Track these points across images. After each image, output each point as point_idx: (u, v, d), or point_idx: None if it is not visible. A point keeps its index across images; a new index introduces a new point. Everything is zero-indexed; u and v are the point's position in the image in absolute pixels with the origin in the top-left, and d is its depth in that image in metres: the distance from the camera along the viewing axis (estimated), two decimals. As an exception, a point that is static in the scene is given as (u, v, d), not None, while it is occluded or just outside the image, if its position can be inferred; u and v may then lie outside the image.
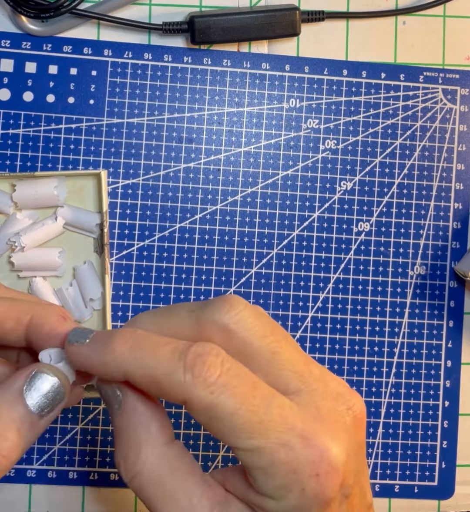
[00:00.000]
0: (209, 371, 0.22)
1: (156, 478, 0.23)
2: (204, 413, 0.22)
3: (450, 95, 0.43)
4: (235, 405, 0.22)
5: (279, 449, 0.22)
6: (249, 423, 0.22)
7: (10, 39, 0.41)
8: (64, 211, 0.39)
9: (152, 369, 0.23)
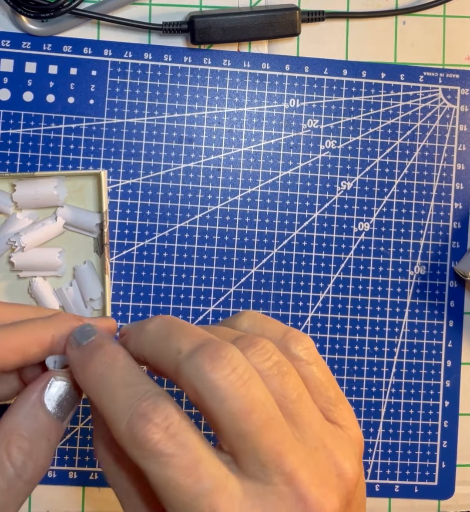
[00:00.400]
0: (147, 434, 0.20)
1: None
2: (153, 486, 0.21)
3: (450, 95, 0.43)
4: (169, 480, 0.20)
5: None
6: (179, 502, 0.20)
7: (10, 39, 0.41)
8: (64, 211, 0.39)
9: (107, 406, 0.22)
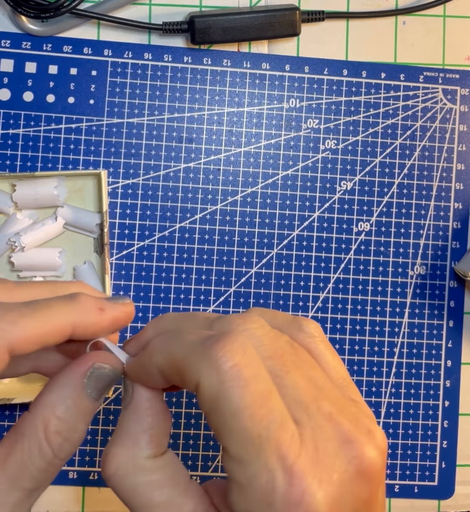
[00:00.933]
0: (225, 356, 0.20)
1: (130, 486, 0.23)
2: (209, 403, 0.21)
3: (450, 95, 0.43)
4: (240, 405, 0.20)
5: (263, 474, 0.20)
6: (246, 432, 0.20)
7: (10, 39, 0.41)
8: (64, 211, 0.39)
9: (175, 354, 0.22)
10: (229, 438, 0.21)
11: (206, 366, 0.21)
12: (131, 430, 0.24)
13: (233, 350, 0.21)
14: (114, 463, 0.23)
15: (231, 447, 0.21)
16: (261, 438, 0.20)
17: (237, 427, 0.20)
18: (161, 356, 0.23)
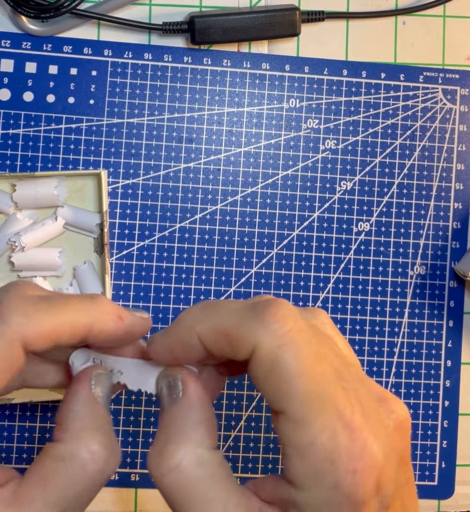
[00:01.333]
0: (279, 321, 0.21)
1: (192, 479, 0.22)
2: (267, 366, 0.21)
3: (450, 95, 0.43)
4: (300, 367, 0.21)
5: (324, 432, 0.21)
6: (306, 393, 0.21)
7: (10, 39, 0.41)
8: (64, 211, 0.40)
9: (222, 321, 0.22)
10: (289, 400, 0.21)
11: (262, 331, 0.21)
12: (187, 423, 0.23)
13: (286, 315, 0.21)
14: (175, 457, 0.22)
15: (292, 409, 0.21)
16: (320, 397, 0.21)
17: (297, 388, 0.21)
18: (205, 326, 0.23)
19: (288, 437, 0.21)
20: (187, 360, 0.24)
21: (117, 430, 0.41)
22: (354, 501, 0.21)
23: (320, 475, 0.21)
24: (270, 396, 0.22)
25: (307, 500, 0.21)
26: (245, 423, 0.41)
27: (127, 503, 0.41)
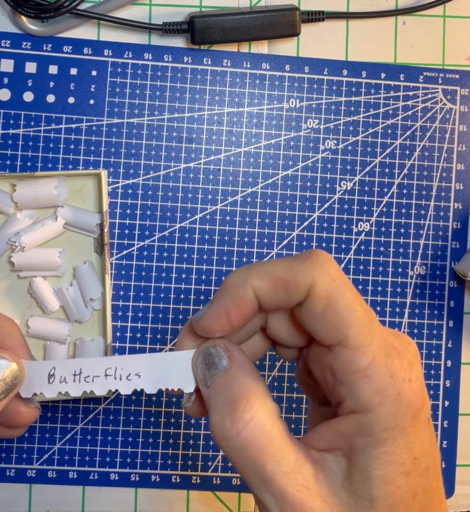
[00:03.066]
0: (329, 261, 0.24)
1: (267, 430, 0.23)
2: (324, 302, 0.23)
3: (450, 95, 0.43)
4: (352, 297, 0.24)
5: (380, 352, 0.23)
6: (361, 319, 0.24)
7: (10, 39, 0.41)
8: (64, 211, 0.40)
9: (277, 270, 0.24)
10: (348, 327, 0.24)
11: (317, 270, 0.24)
12: (247, 381, 0.24)
13: (330, 257, 0.25)
14: (250, 412, 0.23)
15: (351, 336, 0.23)
16: (371, 323, 0.24)
17: (354, 316, 0.24)
18: (259, 277, 0.24)
19: (349, 364, 0.23)
20: (241, 321, 0.25)
21: (117, 430, 0.41)
22: (414, 407, 0.23)
23: (385, 390, 0.23)
24: (326, 330, 0.24)
25: (375, 418, 0.23)
26: (245, 423, 0.41)
27: (127, 503, 0.41)
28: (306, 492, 0.23)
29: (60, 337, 0.40)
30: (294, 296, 0.24)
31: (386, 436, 0.23)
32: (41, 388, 0.26)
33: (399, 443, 0.23)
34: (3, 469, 0.41)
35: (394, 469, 0.23)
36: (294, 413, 0.41)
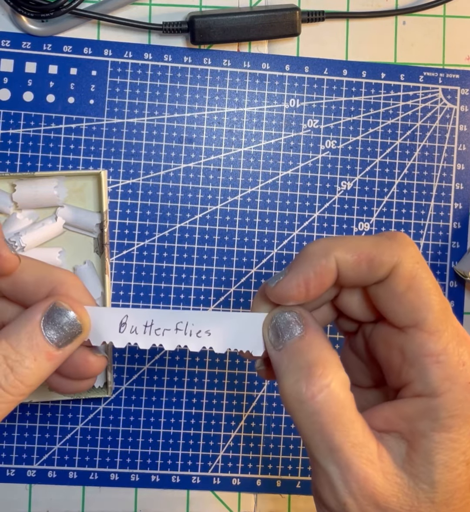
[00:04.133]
0: (412, 244, 0.25)
1: (340, 399, 0.24)
2: (406, 283, 0.24)
3: (450, 95, 0.43)
4: (432, 282, 0.24)
5: (453, 339, 0.24)
6: (439, 305, 0.24)
7: (10, 39, 0.41)
8: (64, 211, 0.40)
9: (363, 245, 0.25)
10: (426, 311, 0.24)
11: (402, 251, 0.24)
12: (322, 350, 0.25)
13: (413, 242, 0.25)
14: (326, 379, 0.24)
15: (428, 320, 0.24)
16: (446, 311, 0.24)
17: (433, 301, 0.24)
18: (344, 249, 0.25)
19: (423, 347, 0.24)
20: (319, 291, 0.25)
21: (117, 430, 0.41)
22: None
23: (455, 377, 0.24)
24: (404, 311, 0.24)
25: (442, 404, 0.23)
26: (245, 423, 0.41)
27: (127, 503, 0.41)
28: (371, 466, 0.23)
29: None
30: (377, 274, 0.24)
31: (452, 422, 0.24)
32: (111, 337, 0.26)
33: (463, 432, 0.24)
34: (3, 469, 0.41)
35: (456, 456, 0.24)
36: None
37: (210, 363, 0.41)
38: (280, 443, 0.42)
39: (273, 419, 0.42)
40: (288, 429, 0.41)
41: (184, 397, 0.41)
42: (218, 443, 0.41)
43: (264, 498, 0.42)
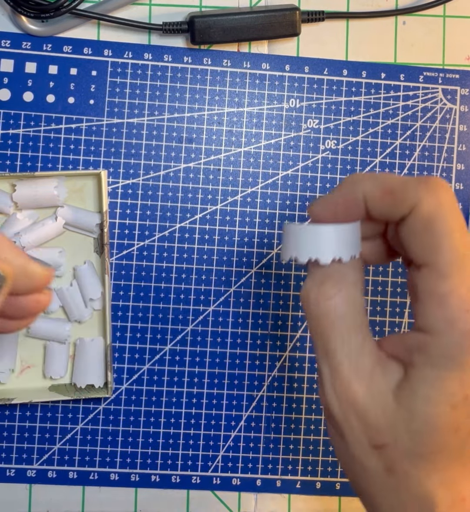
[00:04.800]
0: (441, 188, 0.25)
1: (342, 311, 0.26)
2: (424, 222, 0.25)
3: (450, 95, 0.43)
4: (455, 227, 0.25)
5: (462, 285, 0.24)
6: (454, 250, 0.25)
7: (10, 39, 0.41)
8: (64, 211, 0.40)
9: (390, 181, 0.26)
10: (438, 253, 0.25)
11: (426, 191, 0.25)
12: (351, 269, 0.27)
13: (446, 186, 0.26)
14: (336, 285, 0.26)
15: (439, 261, 0.25)
16: (464, 257, 0.25)
17: (447, 244, 0.25)
18: (373, 183, 0.27)
19: (430, 286, 0.25)
20: (344, 215, 0.27)
21: (117, 430, 0.41)
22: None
23: (455, 321, 0.24)
24: (419, 249, 0.25)
25: (438, 343, 0.25)
26: (245, 423, 0.41)
27: (127, 503, 0.41)
28: (355, 376, 0.26)
29: (60, 337, 0.40)
30: (399, 209, 0.26)
31: (443, 363, 0.25)
32: None
33: (454, 376, 0.25)
34: (3, 469, 0.41)
35: (439, 394, 0.25)
36: (294, 413, 0.42)
37: (210, 363, 0.41)
38: (280, 443, 0.42)
39: (273, 419, 0.42)
40: (288, 429, 0.42)
41: (184, 397, 0.41)
42: (218, 443, 0.41)
43: (264, 498, 0.42)
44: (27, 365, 0.41)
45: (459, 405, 0.25)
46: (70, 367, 0.40)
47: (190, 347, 0.41)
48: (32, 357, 0.41)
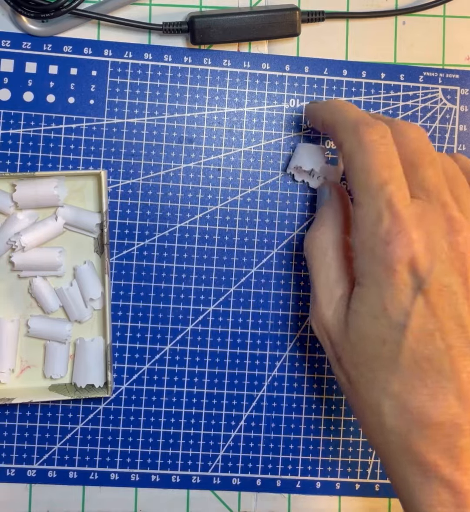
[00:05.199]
0: (367, 132, 0.30)
1: (324, 246, 0.34)
2: (347, 158, 0.31)
3: (450, 95, 0.43)
4: (368, 164, 0.30)
5: (373, 212, 0.29)
6: (368, 183, 0.29)
7: (10, 39, 0.41)
8: (64, 211, 0.40)
9: (334, 116, 0.34)
10: (356, 187, 0.30)
11: (351, 132, 0.31)
12: (331, 216, 0.35)
13: (375, 130, 0.30)
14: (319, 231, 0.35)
15: (356, 194, 0.30)
16: (378, 189, 0.29)
17: (363, 179, 0.29)
18: (324, 113, 0.35)
19: (353, 216, 0.31)
20: (317, 127, 0.38)
21: (117, 430, 0.41)
22: (386, 264, 0.28)
23: (365, 244, 0.29)
24: (349, 184, 0.31)
25: (357, 263, 0.30)
26: (245, 423, 0.41)
27: (127, 503, 0.41)
28: (326, 303, 0.33)
29: (60, 337, 0.40)
30: (335, 143, 0.33)
31: (363, 281, 0.30)
32: None
33: (373, 291, 0.29)
34: (3, 469, 0.41)
35: (362, 306, 0.30)
36: (294, 413, 0.42)
37: (210, 363, 0.41)
38: (280, 443, 0.42)
39: (273, 419, 0.42)
40: (288, 429, 0.42)
41: (184, 397, 0.41)
42: (218, 443, 0.41)
43: (264, 498, 0.42)
44: (27, 365, 0.41)
45: (379, 315, 0.29)
46: (70, 367, 0.41)
47: (190, 347, 0.41)
48: (32, 357, 0.41)
